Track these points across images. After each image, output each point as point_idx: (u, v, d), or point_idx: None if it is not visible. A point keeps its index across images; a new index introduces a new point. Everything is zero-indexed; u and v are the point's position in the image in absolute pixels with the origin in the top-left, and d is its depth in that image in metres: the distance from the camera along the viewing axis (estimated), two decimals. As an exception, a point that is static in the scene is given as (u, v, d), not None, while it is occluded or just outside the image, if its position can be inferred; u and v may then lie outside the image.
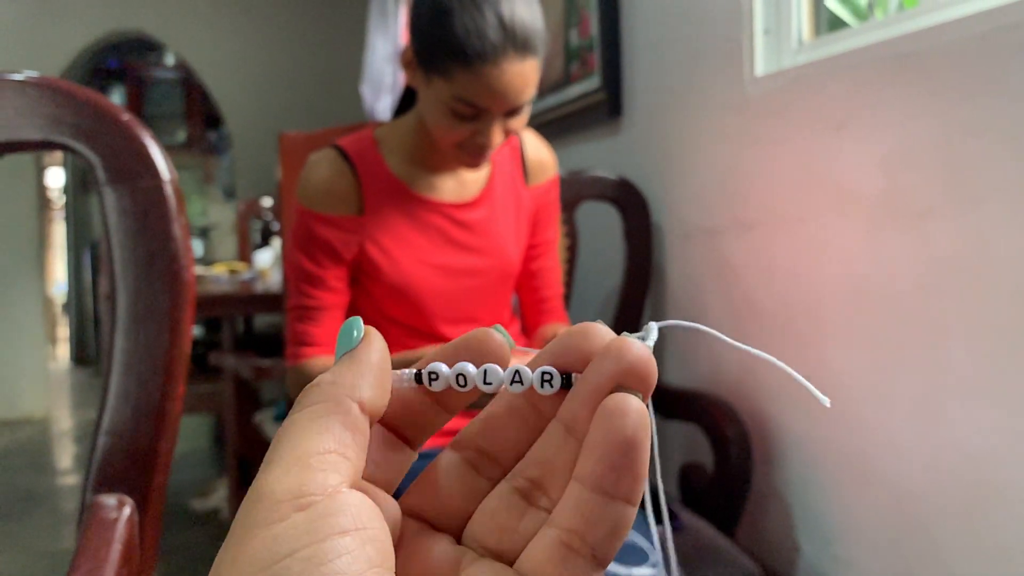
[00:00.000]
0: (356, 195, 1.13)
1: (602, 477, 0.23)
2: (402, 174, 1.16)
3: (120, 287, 0.59)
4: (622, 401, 0.23)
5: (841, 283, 1.17)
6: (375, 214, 1.14)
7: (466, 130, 1.04)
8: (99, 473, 0.58)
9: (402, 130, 1.17)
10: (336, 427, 0.24)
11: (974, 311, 0.97)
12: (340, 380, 0.25)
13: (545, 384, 0.25)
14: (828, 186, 1.18)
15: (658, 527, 1.13)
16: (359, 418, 0.25)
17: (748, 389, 1.38)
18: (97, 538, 0.54)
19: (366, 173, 1.14)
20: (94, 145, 0.59)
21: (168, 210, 0.60)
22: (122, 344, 0.59)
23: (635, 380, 0.24)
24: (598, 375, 0.24)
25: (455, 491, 0.27)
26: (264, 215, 3.36)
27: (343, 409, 0.24)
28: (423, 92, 1.07)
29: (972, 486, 0.98)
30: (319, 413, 0.24)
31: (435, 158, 1.15)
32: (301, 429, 0.24)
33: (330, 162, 1.14)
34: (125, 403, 0.59)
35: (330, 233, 1.13)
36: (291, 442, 0.24)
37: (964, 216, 0.98)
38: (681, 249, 1.58)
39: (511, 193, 1.22)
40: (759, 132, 1.33)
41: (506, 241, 1.20)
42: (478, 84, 0.99)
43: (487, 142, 1.05)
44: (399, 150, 1.16)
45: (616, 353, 0.24)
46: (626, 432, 0.23)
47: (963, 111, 0.97)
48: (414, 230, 1.15)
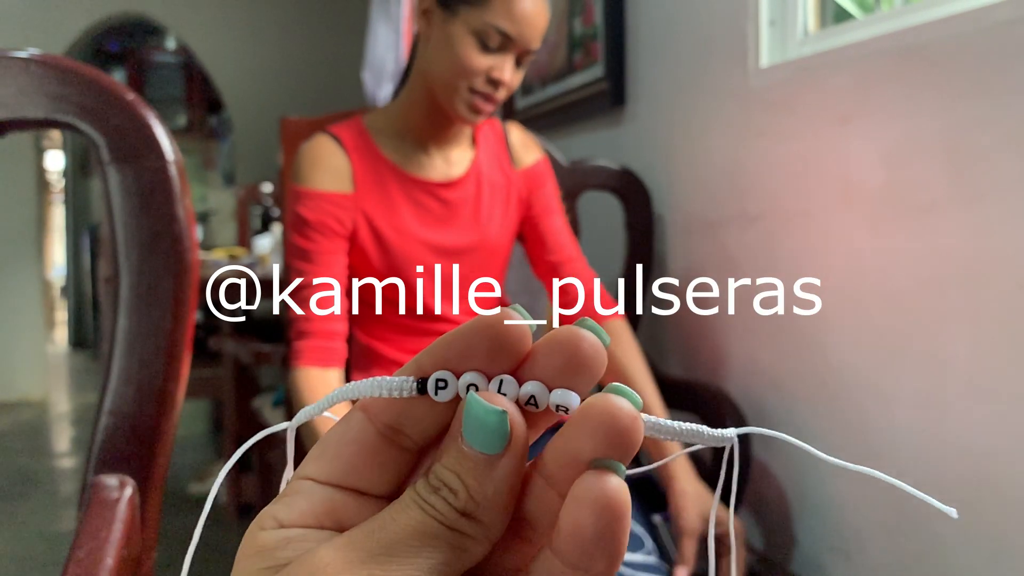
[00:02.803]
0: (347, 173, 1.16)
1: (576, 558, 0.21)
2: (391, 154, 1.19)
3: (123, 268, 0.59)
4: (599, 485, 0.21)
5: (843, 276, 1.17)
6: (366, 191, 1.16)
7: (486, 62, 1.08)
8: (101, 453, 0.58)
9: (391, 113, 1.21)
10: (450, 563, 0.22)
11: (977, 306, 0.97)
12: (486, 516, 0.22)
13: (560, 410, 0.23)
14: (832, 179, 1.18)
15: (656, 516, 1.13)
16: (478, 559, 0.23)
17: (748, 381, 1.38)
18: (99, 518, 0.54)
19: (357, 154, 1.17)
20: (98, 124, 0.59)
21: (172, 191, 0.59)
22: (124, 325, 0.59)
23: (617, 451, 0.21)
24: (577, 442, 0.22)
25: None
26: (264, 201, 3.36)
27: (473, 551, 0.22)
28: (439, 35, 1.10)
29: (972, 481, 0.98)
30: (451, 542, 0.22)
31: (425, 134, 1.19)
32: (417, 539, 0.22)
33: (322, 143, 1.18)
34: (127, 384, 0.59)
35: (325, 208, 1.14)
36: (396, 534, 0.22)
37: (968, 211, 0.97)
38: (683, 240, 1.57)
39: (497, 174, 1.25)
40: (763, 124, 1.33)
41: (490, 219, 1.23)
42: (514, 10, 1.07)
43: (502, 77, 1.09)
44: (388, 132, 1.20)
45: (597, 420, 0.21)
46: (600, 521, 0.21)
47: (968, 105, 0.97)
48: (404, 208, 1.18)
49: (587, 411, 0.22)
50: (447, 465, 0.22)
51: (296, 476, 0.25)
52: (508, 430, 0.22)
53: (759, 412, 1.34)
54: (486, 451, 0.22)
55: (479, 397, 0.22)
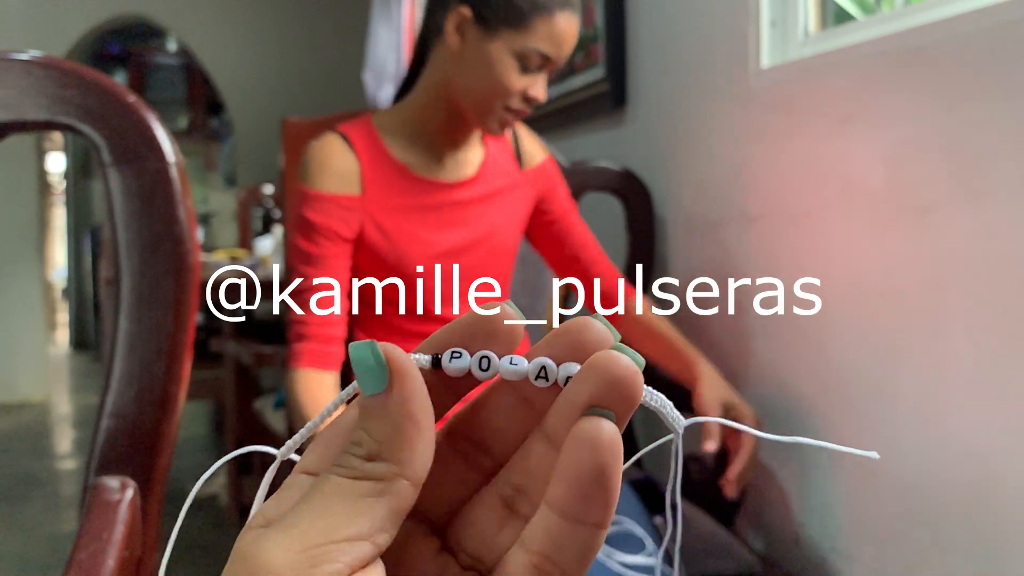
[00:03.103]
0: (356, 175, 1.15)
1: (571, 504, 0.22)
2: (401, 155, 1.18)
3: (124, 269, 0.59)
4: (594, 427, 0.22)
5: (844, 277, 1.16)
6: (374, 194, 1.15)
7: (524, 82, 1.09)
8: (102, 455, 0.58)
9: (402, 114, 1.20)
10: (381, 511, 0.22)
11: (978, 307, 0.97)
12: (391, 453, 0.22)
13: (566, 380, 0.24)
14: (833, 180, 1.18)
15: (658, 518, 1.13)
16: (408, 497, 0.23)
17: (748, 380, 1.38)
18: (100, 520, 0.54)
19: (366, 154, 1.16)
20: (99, 126, 0.59)
21: (173, 192, 0.59)
22: (126, 326, 0.59)
23: (617, 399, 0.22)
24: (578, 391, 0.23)
25: (447, 482, 0.26)
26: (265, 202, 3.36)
27: (395, 490, 0.22)
28: (474, 52, 1.09)
29: (974, 482, 0.98)
30: (369, 491, 0.22)
31: (438, 137, 1.18)
32: (340, 500, 0.22)
33: (331, 143, 1.17)
34: (128, 386, 0.59)
35: (332, 211, 1.13)
36: (320, 510, 0.22)
37: (969, 212, 0.97)
38: (684, 241, 1.57)
39: (505, 175, 1.25)
40: (764, 125, 1.33)
41: (499, 219, 1.22)
42: (554, 31, 1.07)
43: (538, 95, 1.11)
44: (399, 134, 1.19)
45: (600, 369, 0.22)
46: (595, 460, 0.22)
47: (969, 106, 0.97)
48: (413, 210, 1.17)
49: (590, 363, 0.23)
50: (356, 426, 0.24)
51: (293, 471, 0.25)
52: (384, 361, 0.23)
53: (760, 412, 1.34)
54: (375, 389, 0.23)
55: (356, 343, 0.23)
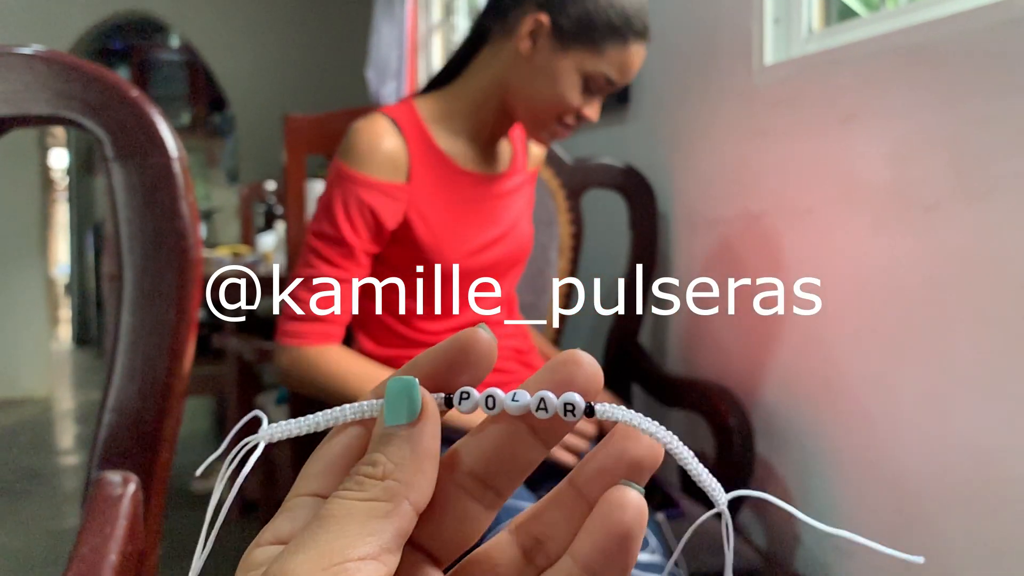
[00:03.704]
0: (406, 162, 1.12)
1: (594, 559, 0.24)
2: (444, 145, 1.15)
3: (127, 265, 0.59)
4: (625, 496, 0.24)
5: (847, 275, 1.16)
6: (419, 184, 1.13)
7: (583, 102, 1.09)
8: (104, 450, 0.58)
9: (449, 104, 1.17)
10: (388, 532, 0.23)
11: (981, 305, 0.97)
12: (402, 475, 0.24)
13: (568, 414, 0.25)
14: (836, 178, 1.18)
15: (660, 515, 1.13)
16: (411, 521, 0.24)
17: (751, 379, 1.38)
18: (102, 514, 0.54)
19: (414, 142, 1.13)
20: (102, 121, 0.59)
21: (176, 188, 0.59)
22: (128, 321, 0.59)
23: (640, 474, 0.25)
24: (611, 466, 0.25)
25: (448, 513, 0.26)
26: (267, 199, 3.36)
27: (401, 512, 0.24)
28: (543, 63, 1.08)
29: (976, 480, 0.98)
30: (377, 512, 0.23)
31: (484, 131, 1.16)
32: (352, 521, 0.23)
33: (384, 127, 1.12)
34: (131, 381, 0.59)
35: (377, 200, 1.09)
36: (335, 531, 0.23)
37: (972, 210, 0.97)
38: (687, 238, 1.57)
39: (522, 171, 1.25)
40: (767, 122, 1.32)
41: (521, 212, 1.23)
42: (625, 60, 1.08)
43: (592, 116, 1.11)
44: (444, 122, 1.16)
45: (624, 444, 0.25)
46: (623, 526, 0.24)
47: (973, 103, 0.97)
48: (454, 202, 1.15)
49: (619, 436, 0.25)
50: (370, 451, 0.25)
51: (293, 493, 0.26)
52: (419, 398, 0.25)
53: (762, 410, 1.34)
54: (402, 421, 0.24)
55: (400, 378, 0.25)
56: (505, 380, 1.20)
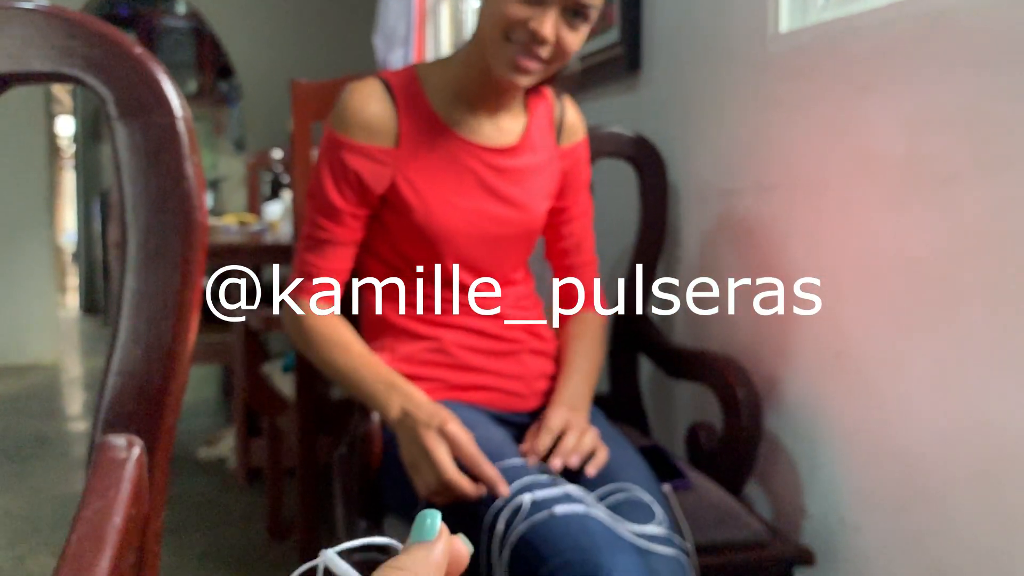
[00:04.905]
0: (394, 127, 1.11)
1: None
2: (443, 112, 1.14)
3: (130, 226, 0.58)
4: None
5: (861, 248, 1.15)
6: (410, 149, 1.12)
7: (524, 12, 1.02)
8: (108, 413, 0.57)
9: (447, 68, 1.16)
10: None
11: (996, 279, 0.95)
12: None
13: None
14: (851, 149, 1.16)
15: (666, 486, 1.12)
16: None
17: (759, 351, 1.36)
18: (106, 478, 0.53)
19: (406, 106, 1.12)
20: (105, 78, 0.58)
21: (181, 148, 0.58)
22: (132, 284, 0.58)
23: None
24: None
25: None
26: (274, 167, 3.34)
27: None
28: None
29: (987, 454, 0.97)
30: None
31: (480, 96, 1.14)
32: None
33: (371, 90, 1.12)
34: (135, 344, 0.58)
35: (362, 164, 1.10)
36: None
37: (990, 182, 0.95)
38: (697, 209, 1.56)
39: (544, 148, 1.21)
40: (781, 91, 1.30)
41: (535, 194, 1.19)
42: None
43: (539, 28, 1.02)
44: (442, 88, 1.15)
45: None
46: None
47: (993, 74, 0.94)
48: (448, 170, 1.13)
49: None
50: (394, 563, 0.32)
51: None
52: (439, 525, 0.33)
53: (770, 382, 1.33)
54: (427, 537, 0.32)
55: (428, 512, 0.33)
56: (515, 350, 1.19)
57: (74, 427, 3.51)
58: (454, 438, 0.98)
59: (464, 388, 1.16)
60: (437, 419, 1.00)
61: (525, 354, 1.20)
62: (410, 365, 1.15)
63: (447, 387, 1.15)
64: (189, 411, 3.54)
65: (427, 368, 1.16)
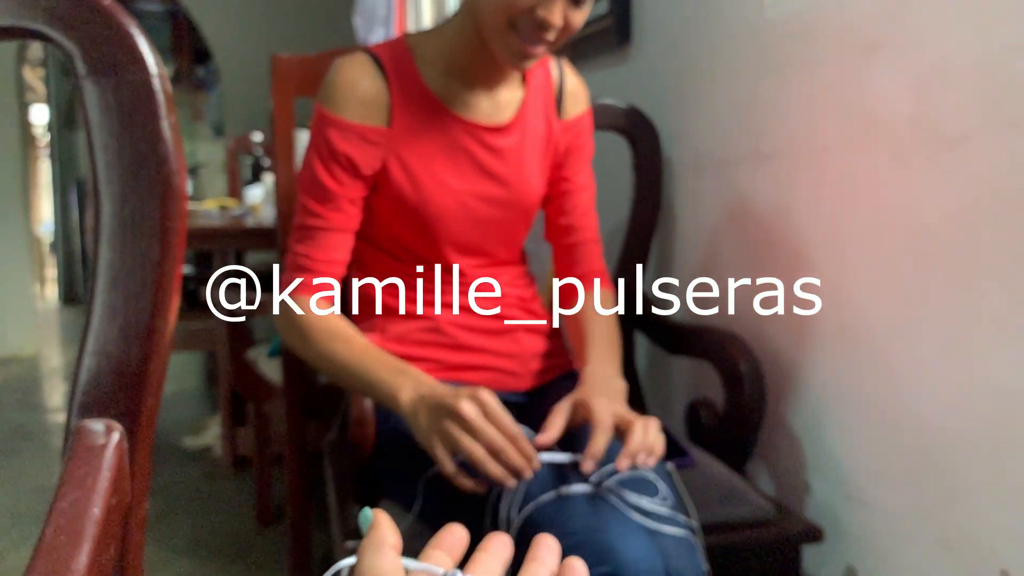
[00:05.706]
0: (386, 104, 1.06)
1: None
2: (436, 88, 1.08)
3: (104, 193, 0.54)
4: None
5: (866, 215, 1.11)
6: (403, 127, 1.06)
7: (531, 1, 0.96)
8: (85, 397, 0.53)
9: (440, 39, 1.09)
10: None
11: (1009, 243, 0.92)
12: None
13: None
14: (855, 113, 1.12)
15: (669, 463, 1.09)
16: None
17: (761, 325, 1.33)
18: (84, 466, 0.49)
19: (398, 83, 1.06)
20: (72, 33, 0.53)
21: (157, 107, 0.53)
22: (107, 256, 0.53)
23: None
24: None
25: None
26: (254, 150, 3.28)
27: None
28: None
29: (1000, 424, 0.94)
30: None
31: (474, 70, 1.08)
32: None
33: (361, 65, 1.06)
34: (112, 321, 0.53)
35: (352, 144, 1.05)
36: None
37: (1003, 142, 0.92)
38: (693, 181, 1.52)
39: (543, 123, 1.15)
40: (780, 56, 1.26)
41: (532, 173, 1.14)
42: None
43: (547, 16, 0.96)
44: (435, 61, 1.09)
45: None
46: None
47: (1004, 31, 0.91)
48: (442, 150, 1.08)
49: None
50: None
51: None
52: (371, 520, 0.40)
53: (772, 356, 1.30)
54: None
55: None
56: (510, 328, 1.16)
57: (54, 419, 3.45)
58: (486, 403, 0.90)
59: (459, 368, 1.12)
60: (464, 390, 0.93)
61: (520, 332, 1.16)
62: (402, 345, 1.11)
63: (442, 367, 1.11)
64: (173, 400, 3.49)
65: (421, 348, 1.12)
